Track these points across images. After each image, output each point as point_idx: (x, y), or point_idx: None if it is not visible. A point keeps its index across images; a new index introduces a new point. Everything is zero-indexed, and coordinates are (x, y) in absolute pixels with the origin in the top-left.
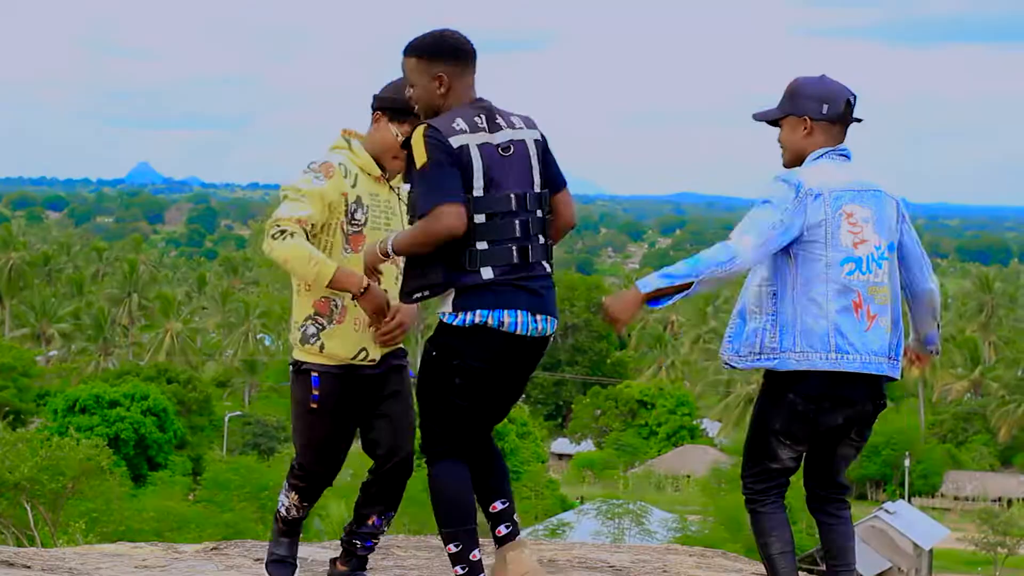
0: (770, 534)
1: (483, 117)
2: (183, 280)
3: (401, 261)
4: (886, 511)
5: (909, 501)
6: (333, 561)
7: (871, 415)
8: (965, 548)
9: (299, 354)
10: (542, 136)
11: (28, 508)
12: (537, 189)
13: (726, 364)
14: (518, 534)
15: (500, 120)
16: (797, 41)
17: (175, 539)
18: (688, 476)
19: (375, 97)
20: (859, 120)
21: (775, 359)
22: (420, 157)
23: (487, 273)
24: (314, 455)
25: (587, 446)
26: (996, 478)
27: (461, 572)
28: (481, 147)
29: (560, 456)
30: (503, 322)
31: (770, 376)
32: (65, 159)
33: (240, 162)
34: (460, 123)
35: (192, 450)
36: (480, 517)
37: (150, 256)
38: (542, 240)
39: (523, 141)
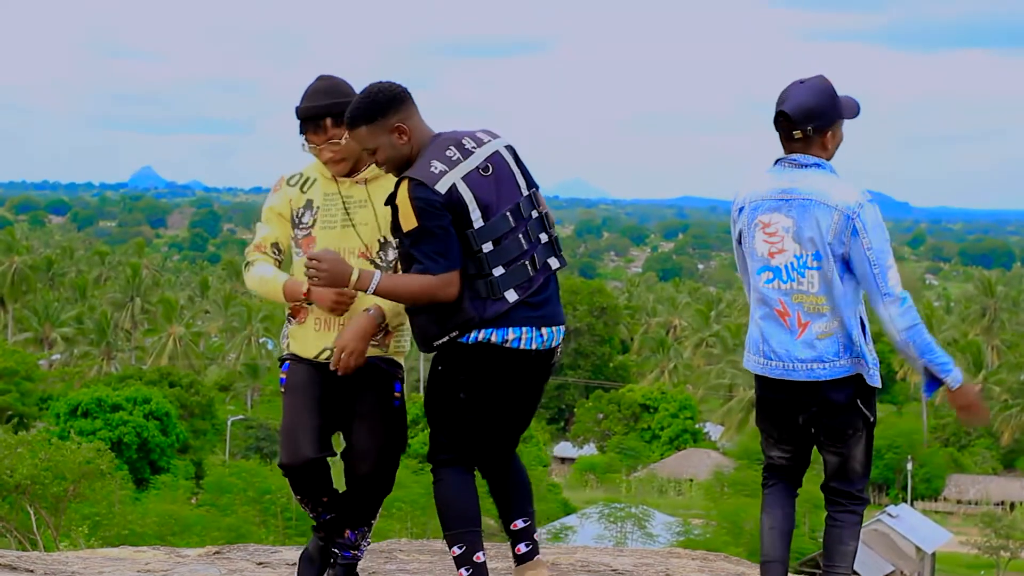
0: (763, 512)
1: (453, 148)
2: (186, 284)
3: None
4: (889, 515)
5: (912, 505)
6: (311, 562)
7: (823, 420)
8: (968, 552)
9: (279, 354)
10: (509, 143)
11: (31, 511)
12: (525, 192)
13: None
14: (537, 553)
15: (468, 143)
16: (802, 45)
17: (178, 543)
18: (691, 480)
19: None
20: (803, 130)
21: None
22: (408, 221)
23: (512, 296)
24: (283, 440)
25: (589, 450)
26: (999, 482)
27: (466, 574)
28: (466, 178)
29: (563, 460)
30: (507, 339)
31: None
32: (68, 163)
33: (243, 166)
34: (436, 165)
35: (195, 454)
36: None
37: (153, 260)
38: (545, 239)
39: (497, 152)
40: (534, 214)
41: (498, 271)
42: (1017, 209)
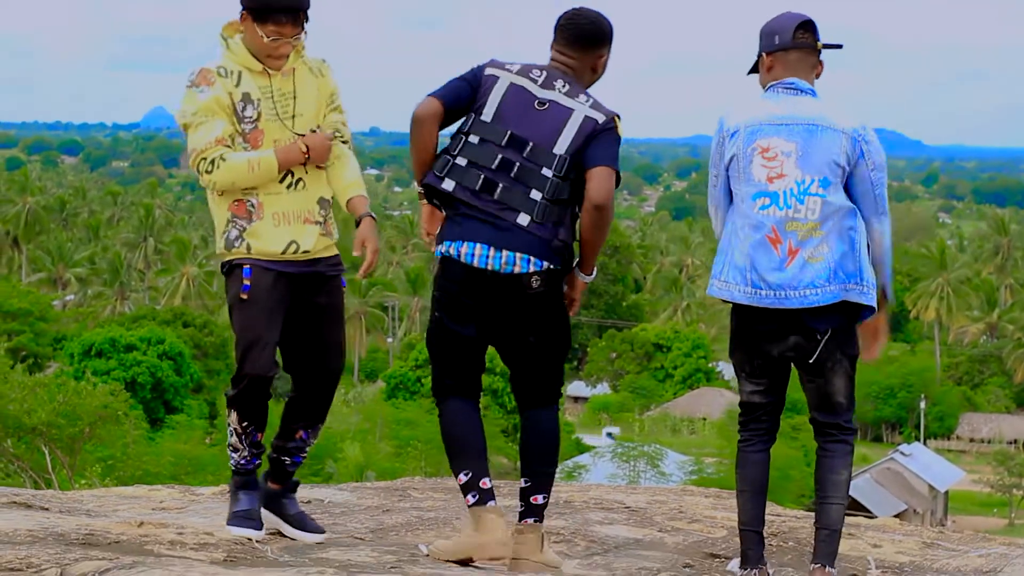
0: (737, 471)
1: (544, 75)
2: (199, 224)
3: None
4: (902, 453)
5: (924, 443)
6: (265, 476)
7: (806, 349)
8: (981, 490)
9: (228, 257)
10: (604, 121)
11: (46, 452)
12: (555, 151)
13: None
14: (531, 517)
15: (560, 85)
16: None
17: (192, 482)
18: (704, 419)
19: None
20: (835, 46)
21: (711, 285)
22: None
23: (447, 185)
24: (251, 352)
25: (603, 389)
26: (1012, 420)
27: (472, 500)
28: (513, 86)
29: (576, 399)
30: (461, 252)
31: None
32: (80, 104)
33: None
34: (515, 65)
35: (208, 394)
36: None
37: (166, 200)
38: (535, 195)
39: (570, 110)
40: (544, 170)
41: (460, 160)
42: None
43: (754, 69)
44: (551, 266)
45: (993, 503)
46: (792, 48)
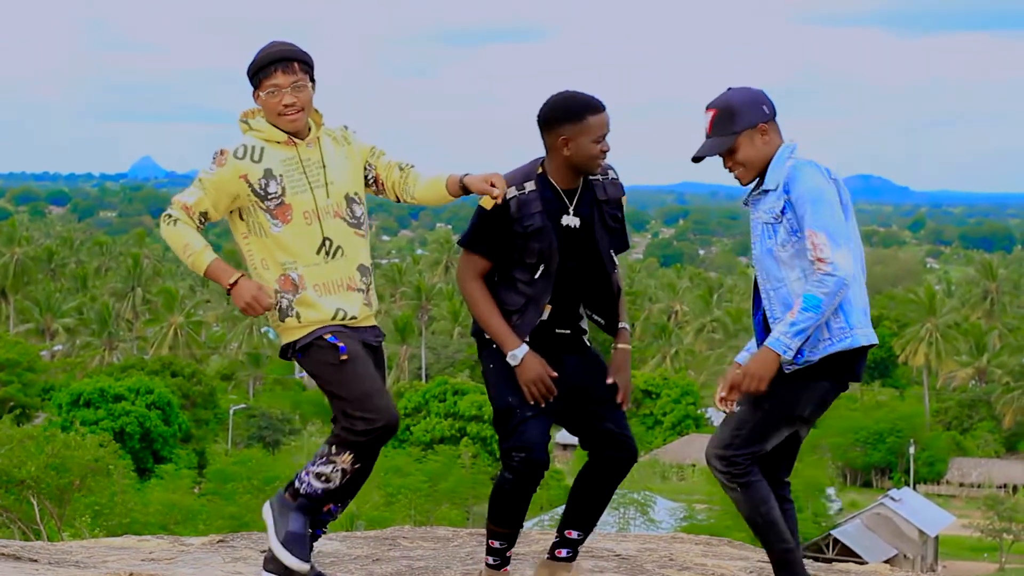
0: (768, 500)
1: None
2: (186, 274)
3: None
4: (891, 498)
5: (914, 488)
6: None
7: None
8: (971, 535)
9: (286, 335)
10: None
11: (35, 503)
12: None
13: (793, 365)
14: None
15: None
16: (796, 29)
17: (181, 532)
18: (693, 465)
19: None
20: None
21: (847, 338)
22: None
23: None
24: (377, 400)
25: None
26: (1001, 465)
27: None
28: None
29: (564, 446)
30: None
31: (822, 362)
32: (68, 154)
33: None
34: None
35: (197, 443)
36: None
37: (153, 250)
38: None
39: None
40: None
41: None
42: (1017, 192)
43: (726, 152)
44: None
45: (983, 548)
46: (774, 116)
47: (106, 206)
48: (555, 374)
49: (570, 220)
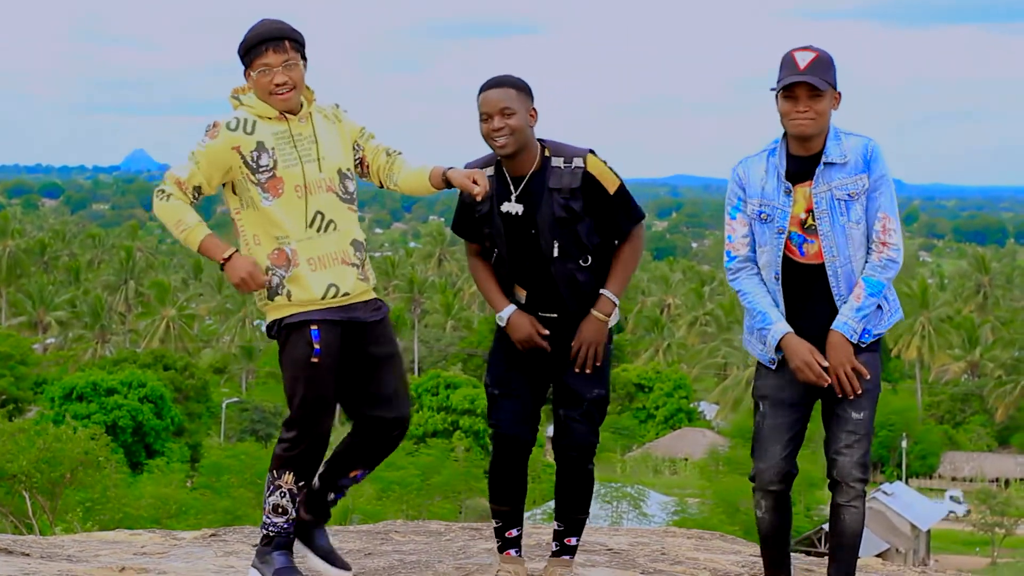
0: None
1: None
2: (179, 267)
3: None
4: (884, 492)
5: (906, 482)
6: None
7: None
8: (963, 529)
9: (273, 312)
10: None
11: (27, 497)
12: None
13: (869, 337)
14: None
15: None
16: (788, 24)
17: (173, 526)
18: (686, 459)
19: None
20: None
21: (898, 311)
22: (612, 181)
23: None
24: (315, 413)
25: None
26: (993, 458)
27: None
28: None
29: None
30: None
31: (876, 342)
32: (61, 147)
33: None
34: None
35: (190, 437)
36: None
37: (146, 243)
38: None
39: None
40: None
41: None
42: (1011, 185)
43: (814, 91)
44: None
45: (975, 541)
46: None
47: (99, 199)
48: (546, 331)
49: (510, 207)
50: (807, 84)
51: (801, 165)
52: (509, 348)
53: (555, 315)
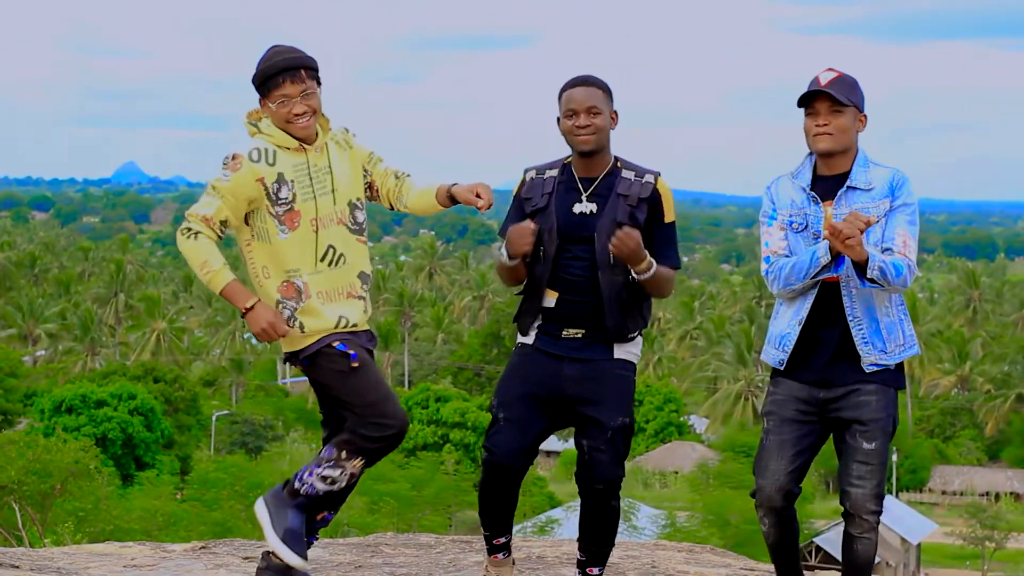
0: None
1: None
2: (169, 280)
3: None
4: None
5: (896, 496)
6: (267, 555)
7: None
8: (953, 543)
9: (288, 345)
10: None
11: (16, 509)
12: None
13: (873, 365)
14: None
15: None
16: (780, 39)
17: (163, 538)
18: (676, 472)
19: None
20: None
21: (914, 345)
22: (671, 213)
23: None
24: (384, 406)
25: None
26: (983, 472)
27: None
28: None
29: (548, 453)
30: None
31: (899, 369)
32: (51, 159)
33: None
34: None
35: (180, 449)
36: None
37: (136, 256)
38: None
39: None
40: None
41: None
42: (1000, 200)
43: (835, 103)
44: None
45: (965, 555)
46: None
47: (89, 211)
48: (533, 226)
49: (583, 207)
50: (827, 99)
51: (825, 185)
52: (524, 371)
53: (581, 332)
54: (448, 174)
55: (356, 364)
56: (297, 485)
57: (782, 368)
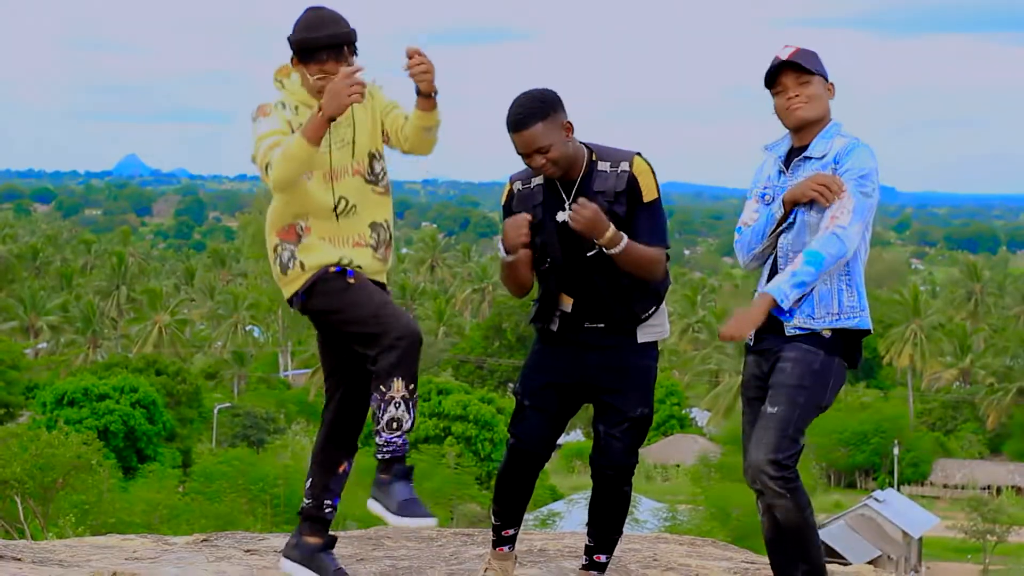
0: (810, 504)
1: None
2: (171, 272)
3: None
4: (875, 499)
5: (898, 489)
6: (298, 531)
7: None
8: (955, 536)
9: (289, 286)
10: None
11: (18, 502)
12: None
13: (796, 329)
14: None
15: None
16: (782, 32)
17: (165, 531)
18: (678, 465)
19: (288, 40)
20: None
21: (856, 318)
22: (652, 191)
23: None
24: (393, 313)
25: (576, 436)
26: (985, 466)
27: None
28: None
29: None
30: None
31: (834, 340)
32: (53, 152)
33: (228, 154)
34: None
35: (181, 442)
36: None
37: (138, 248)
38: None
39: None
40: None
41: None
42: (1002, 193)
43: (804, 71)
44: None
45: (967, 549)
46: None
47: (91, 204)
48: (528, 217)
49: (563, 215)
50: (792, 70)
51: (793, 156)
52: (548, 359)
53: (602, 325)
54: (447, 171)
55: (352, 280)
56: (381, 456)
57: (752, 344)
